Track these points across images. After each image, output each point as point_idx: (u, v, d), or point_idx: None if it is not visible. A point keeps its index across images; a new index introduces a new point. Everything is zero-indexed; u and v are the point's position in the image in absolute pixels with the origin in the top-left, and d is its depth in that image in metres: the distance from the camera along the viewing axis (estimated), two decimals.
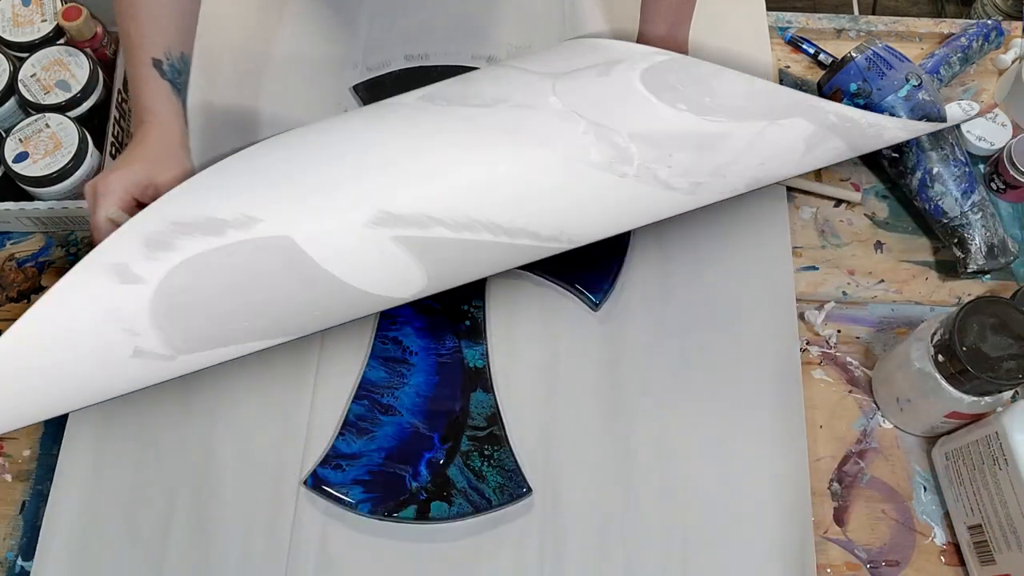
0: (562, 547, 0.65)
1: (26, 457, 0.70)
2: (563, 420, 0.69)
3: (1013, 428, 0.59)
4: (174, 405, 0.69)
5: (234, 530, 0.65)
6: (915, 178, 0.74)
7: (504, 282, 0.74)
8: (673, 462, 0.67)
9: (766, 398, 0.69)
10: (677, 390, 0.69)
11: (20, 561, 0.66)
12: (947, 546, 0.66)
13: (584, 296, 0.72)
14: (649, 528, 0.65)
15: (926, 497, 0.68)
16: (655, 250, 0.75)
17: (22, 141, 0.74)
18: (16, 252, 0.77)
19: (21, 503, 0.68)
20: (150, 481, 0.67)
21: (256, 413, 0.69)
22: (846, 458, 0.69)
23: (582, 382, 0.70)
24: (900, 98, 0.73)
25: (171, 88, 0.63)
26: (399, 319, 0.71)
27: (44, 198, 0.74)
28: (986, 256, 0.72)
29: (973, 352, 0.59)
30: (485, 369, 0.70)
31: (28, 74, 0.76)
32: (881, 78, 0.74)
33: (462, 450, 0.67)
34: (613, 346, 0.71)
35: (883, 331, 0.74)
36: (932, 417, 0.65)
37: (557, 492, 0.66)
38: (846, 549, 0.66)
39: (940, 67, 0.79)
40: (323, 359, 0.71)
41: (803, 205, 0.79)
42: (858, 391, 0.71)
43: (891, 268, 0.76)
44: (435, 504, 0.65)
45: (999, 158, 0.77)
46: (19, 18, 0.79)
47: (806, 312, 0.74)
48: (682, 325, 0.72)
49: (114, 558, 0.65)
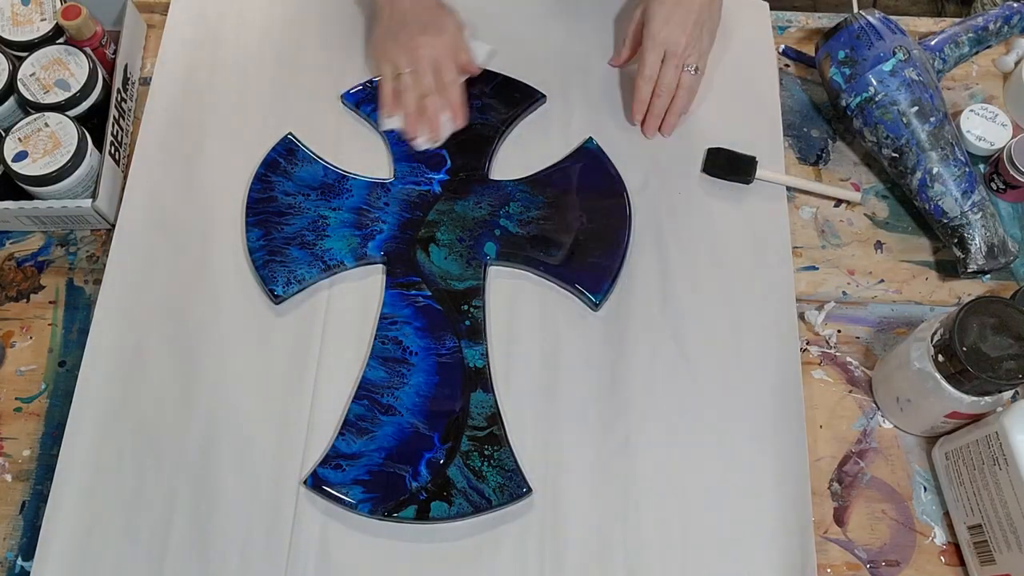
0: (562, 547, 0.65)
1: (26, 457, 0.70)
2: (563, 420, 0.69)
3: (1013, 428, 0.59)
4: (174, 405, 0.69)
5: (234, 530, 0.65)
6: (915, 178, 0.74)
7: (504, 282, 0.74)
8: (673, 462, 0.67)
9: (766, 398, 0.69)
10: (677, 390, 0.69)
11: (20, 561, 0.66)
12: (947, 546, 0.66)
13: (584, 296, 0.72)
14: (649, 528, 0.65)
15: (926, 497, 0.68)
16: (655, 250, 0.75)
17: (21, 140, 0.73)
18: (15, 251, 0.77)
19: (21, 503, 0.68)
20: (150, 481, 0.67)
21: (256, 413, 0.69)
22: (846, 458, 0.69)
23: (582, 382, 0.70)
24: (886, 72, 0.72)
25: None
26: (399, 319, 0.71)
27: (43, 197, 0.74)
28: (986, 256, 0.72)
29: (973, 352, 0.59)
30: (485, 369, 0.70)
31: (27, 73, 0.76)
32: (868, 48, 0.73)
33: (462, 450, 0.67)
34: (613, 346, 0.71)
35: (883, 331, 0.74)
36: (932, 417, 0.65)
37: (557, 492, 0.66)
38: (846, 549, 0.66)
39: (945, 46, 0.78)
40: (323, 359, 0.71)
41: (803, 205, 0.79)
42: (858, 391, 0.71)
43: (891, 268, 0.76)
44: (435, 504, 0.65)
45: (999, 158, 0.77)
46: (19, 17, 0.78)
47: (806, 312, 0.74)
48: (682, 325, 0.72)
49: (114, 558, 0.65)
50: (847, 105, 0.76)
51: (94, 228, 0.78)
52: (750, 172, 0.77)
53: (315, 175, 0.77)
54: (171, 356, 0.71)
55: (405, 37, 0.76)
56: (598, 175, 0.77)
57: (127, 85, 0.82)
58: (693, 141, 0.79)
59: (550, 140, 0.79)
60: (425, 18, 0.76)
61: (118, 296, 0.73)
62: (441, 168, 0.78)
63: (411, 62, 0.76)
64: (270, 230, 0.74)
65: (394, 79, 0.77)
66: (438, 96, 0.76)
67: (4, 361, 0.73)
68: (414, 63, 0.76)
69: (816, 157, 0.81)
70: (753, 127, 0.80)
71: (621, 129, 0.80)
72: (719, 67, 0.82)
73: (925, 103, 0.73)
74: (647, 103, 0.77)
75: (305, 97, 0.81)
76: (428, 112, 0.76)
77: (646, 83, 0.76)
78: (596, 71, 0.82)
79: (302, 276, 0.73)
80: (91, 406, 0.69)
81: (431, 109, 0.76)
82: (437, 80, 0.76)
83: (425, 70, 0.76)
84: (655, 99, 0.77)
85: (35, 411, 0.71)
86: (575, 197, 0.76)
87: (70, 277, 0.76)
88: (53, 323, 0.74)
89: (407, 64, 0.76)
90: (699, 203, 0.77)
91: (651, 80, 0.76)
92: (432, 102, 0.76)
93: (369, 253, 0.74)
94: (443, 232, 0.75)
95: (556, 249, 0.74)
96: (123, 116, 0.80)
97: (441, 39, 0.76)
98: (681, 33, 0.74)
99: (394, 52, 0.76)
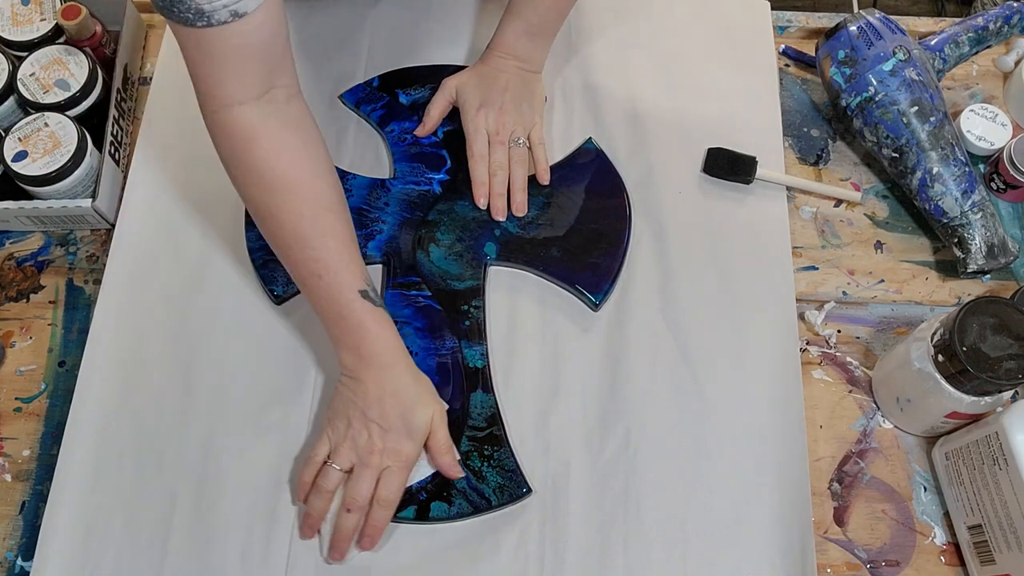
0: (562, 547, 0.65)
1: (26, 457, 0.70)
2: (563, 420, 0.69)
3: (1013, 428, 0.59)
4: (174, 405, 0.69)
5: (234, 530, 0.65)
6: (915, 178, 0.74)
7: (504, 282, 0.74)
8: (673, 462, 0.67)
9: (766, 398, 0.69)
10: (677, 390, 0.69)
11: (20, 561, 0.66)
12: (947, 546, 0.66)
13: (584, 296, 0.72)
14: (649, 528, 0.65)
15: (926, 497, 0.68)
16: (655, 250, 0.75)
17: (21, 140, 0.73)
18: (15, 251, 0.77)
19: (21, 503, 0.68)
20: (150, 481, 0.67)
21: (256, 413, 0.69)
22: (846, 458, 0.69)
23: (582, 382, 0.70)
24: (886, 72, 0.72)
25: (384, 311, 0.64)
26: (399, 319, 0.71)
27: (43, 197, 0.74)
28: (986, 256, 0.72)
29: (973, 352, 0.59)
30: (485, 369, 0.70)
31: (27, 73, 0.76)
32: (868, 48, 0.73)
33: (462, 450, 0.67)
34: (613, 346, 0.71)
35: (883, 331, 0.74)
36: (932, 417, 0.65)
37: (557, 492, 0.66)
38: (846, 549, 0.66)
39: (946, 45, 0.77)
40: (323, 359, 0.71)
41: (803, 205, 0.79)
42: (858, 391, 0.71)
43: (891, 268, 0.76)
44: (435, 504, 0.65)
45: (999, 158, 0.77)
46: (18, 17, 0.78)
47: (806, 312, 0.74)
48: (682, 325, 0.72)
49: (114, 558, 0.64)
50: (847, 105, 0.76)
51: (94, 228, 0.78)
52: (750, 172, 0.77)
53: None
54: (171, 356, 0.71)
55: (360, 433, 0.62)
56: (598, 175, 0.77)
57: (127, 85, 0.82)
58: (693, 141, 0.79)
59: (550, 140, 0.79)
60: (391, 417, 0.62)
61: (118, 296, 0.73)
62: (441, 168, 0.77)
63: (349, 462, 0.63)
64: None
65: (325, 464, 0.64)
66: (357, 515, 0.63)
67: (4, 361, 0.73)
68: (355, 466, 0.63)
69: (816, 157, 0.81)
70: (753, 127, 0.80)
71: (621, 129, 0.80)
72: (719, 67, 0.82)
73: (925, 103, 0.73)
74: (487, 184, 0.75)
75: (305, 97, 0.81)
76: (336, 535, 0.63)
77: (479, 163, 0.75)
78: (596, 71, 0.82)
79: None
80: (91, 406, 0.69)
81: (339, 532, 0.63)
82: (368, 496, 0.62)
83: (361, 481, 0.62)
84: (492, 179, 0.75)
85: (35, 411, 0.71)
86: (575, 197, 0.76)
87: (70, 277, 0.76)
88: (53, 323, 0.74)
89: (346, 462, 0.63)
90: (699, 203, 0.77)
91: (483, 159, 0.75)
92: (347, 520, 0.62)
93: (369, 253, 0.74)
94: (443, 232, 0.75)
95: (556, 249, 0.74)
96: (123, 116, 0.80)
97: (401, 447, 0.62)
98: (497, 115, 0.75)
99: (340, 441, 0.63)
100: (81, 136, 0.74)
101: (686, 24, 0.85)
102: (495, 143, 0.76)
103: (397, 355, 0.64)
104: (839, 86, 0.76)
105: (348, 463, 0.63)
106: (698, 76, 0.82)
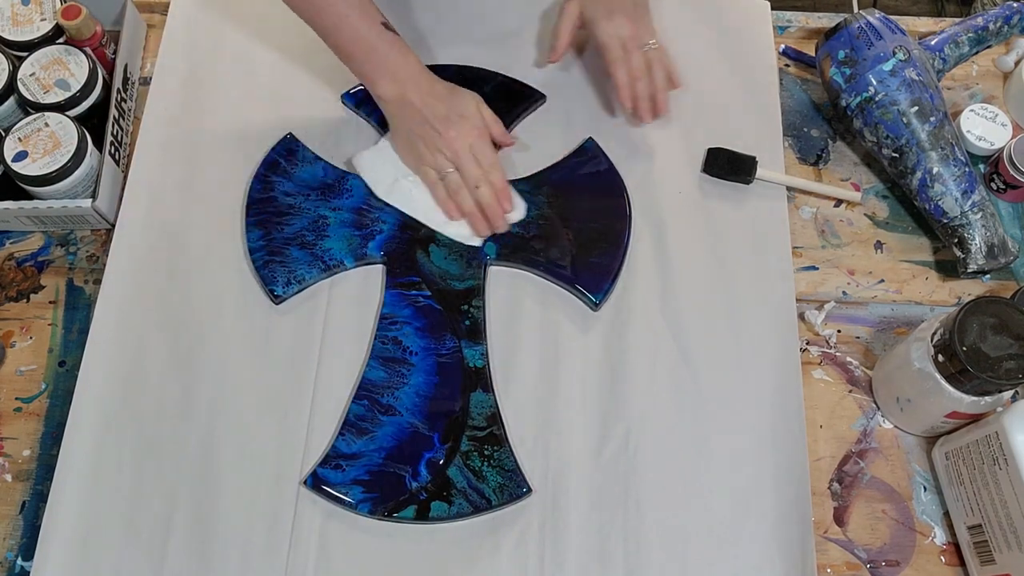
0: (562, 547, 0.65)
1: (26, 457, 0.70)
2: (563, 420, 0.69)
3: (1013, 428, 0.59)
4: (174, 405, 0.69)
5: (234, 530, 0.65)
6: (915, 178, 0.74)
7: (504, 282, 0.74)
8: (673, 462, 0.67)
9: (766, 398, 0.69)
10: (677, 390, 0.69)
11: (20, 561, 0.66)
12: (947, 546, 0.66)
13: (584, 296, 0.72)
14: (649, 528, 0.65)
15: (926, 497, 0.68)
16: (655, 250, 0.75)
17: (21, 140, 0.73)
18: (15, 251, 0.77)
19: (21, 503, 0.68)
20: (150, 481, 0.67)
21: (256, 413, 0.69)
22: (846, 458, 0.69)
23: (582, 382, 0.70)
24: (886, 72, 0.72)
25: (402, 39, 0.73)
26: (399, 319, 0.71)
27: (43, 197, 0.74)
28: (986, 256, 0.72)
29: (973, 352, 0.59)
30: (485, 369, 0.70)
31: (27, 73, 0.76)
32: (868, 48, 0.73)
33: (462, 450, 0.67)
34: (613, 346, 0.71)
35: (883, 331, 0.74)
36: (932, 417, 0.65)
37: (557, 492, 0.66)
38: (846, 549, 0.66)
39: (945, 45, 0.77)
40: (323, 359, 0.71)
41: (803, 205, 0.79)
42: (858, 391, 0.71)
43: (891, 268, 0.76)
44: (435, 504, 0.65)
45: (999, 158, 0.77)
46: (18, 17, 0.78)
47: (806, 312, 0.74)
48: (682, 325, 0.72)
49: (114, 558, 0.64)
50: (847, 105, 0.76)
51: (94, 228, 0.78)
52: (750, 172, 0.77)
53: (315, 175, 0.77)
54: (171, 356, 0.71)
55: (432, 136, 0.72)
56: (598, 175, 0.77)
57: (127, 85, 0.82)
58: (693, 141, 0.79)
59: (550, 140, 0.79)
60: (441, 110, 0.72)
61: (118, 296, 0.73)
62: None
63: (450, 159, 0.73)
64: (270, 230, 0.74)
65: (441, 179, 0.74)
66: (486, 187, 0.73)
67: (4, 361, 0.73)
68: (454, 159, 0.72)
69: (816, 157, 0.81)
70: (753, 127, 0.80)
71: (621, 129, 0.80)
72: (719, 67, 0.82)
73: (925, 103, 0.73)
74: (629, 86, 0.76)
75: (305, 97, 0.82)
76: (487, 211, 0.73)
77: (620, 67, 0.76)
78: (596, 71, 0.82)
79: (302, 276, 0.73)
80: (91, 406, 0.69)
81: (488, 206, 0.73)
82: (480, 168, 0.73)
83: (466, 163, 0.72)
84: (636, 83, 0.76)
85: (35, 411, 0.71)
86: (575, 197, 0.76)
87: (70, 277, 0.76)
88: (53, 323, 0.74)
89: (447, 163, 0.73)
90: (699, 203, 0.77)
91: (623, 63, 0.76)
92: (483, 195, 0.72)
93: (369, 253, 0.74)
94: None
95: (556, 249, 0.74)
96: (123, 116, 0.80)
97: (467, 124, 0.73)
98: (626, 22, 0.75)
99: (429, 156, 0.73)
100: (81, 136, 0.74)
101: (686, 24, 0.85)
102: (631, 48, 0.76)
103: (424, 69, 0.73)
104: (839, 86, 0.76)
105: (448, 163, 0.72)
106: (698, 76, 0.82)
